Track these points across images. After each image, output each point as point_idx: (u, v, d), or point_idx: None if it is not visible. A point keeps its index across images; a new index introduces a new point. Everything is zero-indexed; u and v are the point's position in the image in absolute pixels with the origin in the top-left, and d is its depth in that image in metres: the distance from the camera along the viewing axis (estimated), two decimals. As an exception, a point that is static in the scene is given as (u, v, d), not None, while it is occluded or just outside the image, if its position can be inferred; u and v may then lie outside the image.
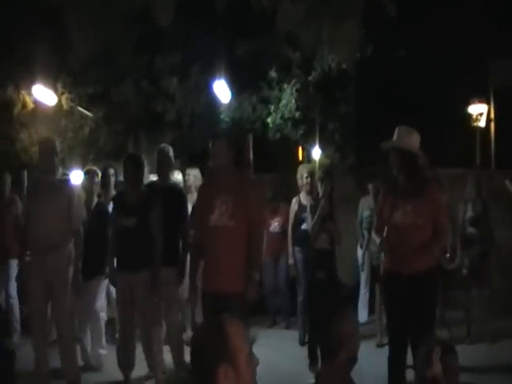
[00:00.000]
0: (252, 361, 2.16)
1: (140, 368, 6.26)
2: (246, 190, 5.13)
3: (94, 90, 12.97)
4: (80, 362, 6.63)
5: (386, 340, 6.75)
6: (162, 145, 6.90)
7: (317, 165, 14.20)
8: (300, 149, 14.53)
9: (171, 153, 6.52)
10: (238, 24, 12.24)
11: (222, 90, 11.59)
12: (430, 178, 5.35)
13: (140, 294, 5.87)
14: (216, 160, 5.14)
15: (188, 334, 7.04)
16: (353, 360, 3.30)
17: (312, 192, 7.52)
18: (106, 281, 6.64)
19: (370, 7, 9.44)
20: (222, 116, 13.14)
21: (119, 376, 6.11)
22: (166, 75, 12.81)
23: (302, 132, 13.34)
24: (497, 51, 13.40)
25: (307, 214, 7.33)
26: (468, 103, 13.81)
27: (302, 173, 7.79)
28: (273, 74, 12.94)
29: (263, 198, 7.12)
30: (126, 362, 6.03)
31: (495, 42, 13.02)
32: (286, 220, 8.09)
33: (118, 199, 6.19)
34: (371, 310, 8.41)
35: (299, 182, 7.76)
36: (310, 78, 13.01)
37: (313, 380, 5.07)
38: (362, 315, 8.29)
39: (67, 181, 6.07)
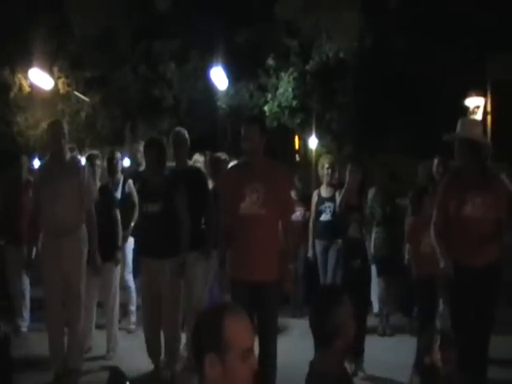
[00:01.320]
0: (251, 360, 2.06)
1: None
2: (277, 177, 4.98)
3: (91, 75, 12.96)
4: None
5: (388, 330, 6.83)
6: (177, 128, 6.68)
7: (313, 154, 14.21)
8: (297, 138, 14.53)
9: (187, 135, 6.38)
10: (237, 12, 12.22)
11: (219, 77, 11.55)
12: (495, 172, 5.31)
13: (165, 280, 5.80)
14: (247, 144, 4.78)
15: None
16: (348, 348, 3.29)
17: (332, 183, 7.47)
18: (119, 267, 6.57)
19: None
20: (219, 103, 13.13)
21: (144, 365, 6.02)
22: (164, 61, 12.79)
23: (298, 121, 13.35)
24: (495, 44, 13.38)
25: (326, 205, 7.33)
26: (465, 96, 13.80)
27: (323, 163, 7.71)
28: (270, 61, 12.89)
29: (293, 185, 7.00)
30: (153, 349, 5.97)
31: (493, 35, 13.01)
32: (308, 210, 8.00)
33: (142, 185, 6.11)
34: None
35: (320, 172, 7.70)
36: (308, 66, 12.99)
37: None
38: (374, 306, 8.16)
39: (77, 162, 6.01)
